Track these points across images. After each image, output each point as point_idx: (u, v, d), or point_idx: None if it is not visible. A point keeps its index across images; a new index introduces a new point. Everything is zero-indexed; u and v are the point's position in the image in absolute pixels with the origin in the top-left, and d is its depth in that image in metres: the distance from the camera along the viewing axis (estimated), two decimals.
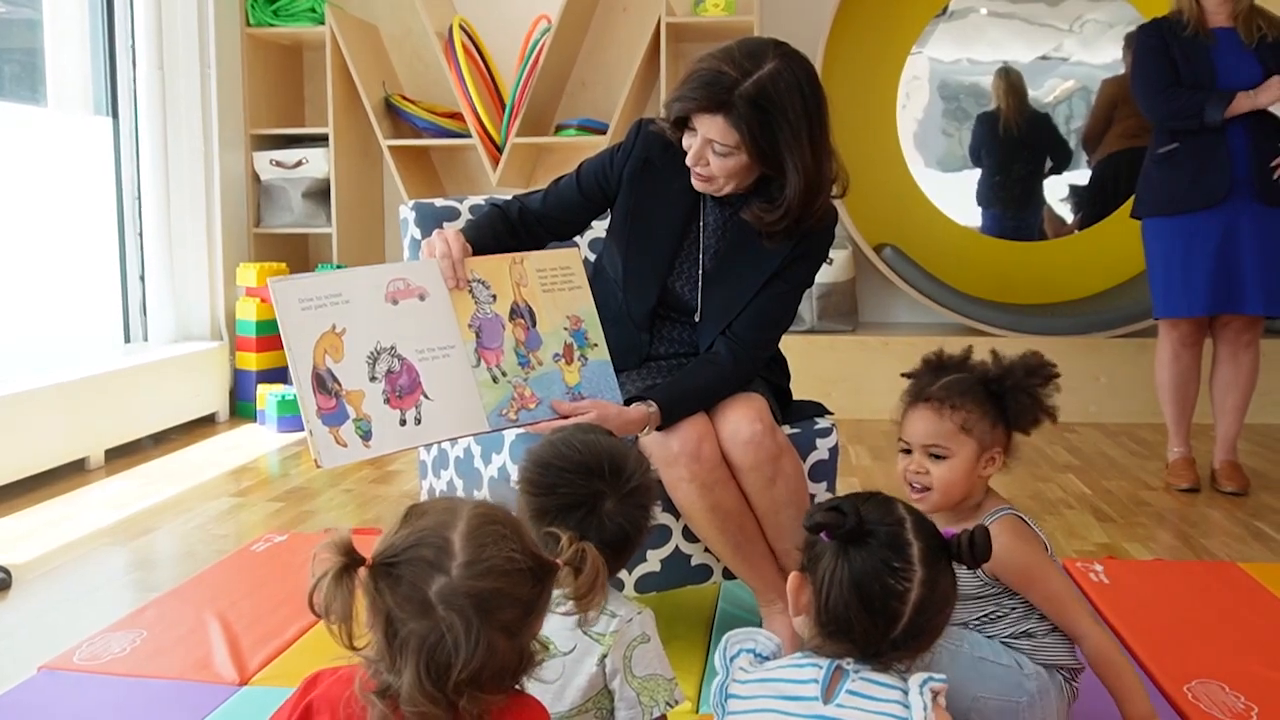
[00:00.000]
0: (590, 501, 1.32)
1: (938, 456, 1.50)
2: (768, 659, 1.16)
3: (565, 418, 1.72)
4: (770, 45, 1.76)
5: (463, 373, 1.69)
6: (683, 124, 1.80)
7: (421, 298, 1.70)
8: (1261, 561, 2.51)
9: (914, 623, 1.09)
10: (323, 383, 1.57)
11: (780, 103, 1.72)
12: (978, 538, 1.14)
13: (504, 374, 1.73)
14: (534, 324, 1.79)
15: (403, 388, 1.63)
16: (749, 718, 1.12)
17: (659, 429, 1.77)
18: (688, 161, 1.81)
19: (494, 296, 1.76)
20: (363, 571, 0.96)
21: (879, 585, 1.09)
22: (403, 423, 1.62)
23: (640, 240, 1.95)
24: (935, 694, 1.07)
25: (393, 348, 1.64)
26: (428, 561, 0.95)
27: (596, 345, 1.84)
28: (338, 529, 0.99)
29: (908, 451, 1.53)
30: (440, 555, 0.95)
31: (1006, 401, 1.51)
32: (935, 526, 1.18)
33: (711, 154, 1.77)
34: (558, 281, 1.84)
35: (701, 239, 1.94)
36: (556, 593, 1.05)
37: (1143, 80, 3.14)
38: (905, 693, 1.08)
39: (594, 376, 1.82)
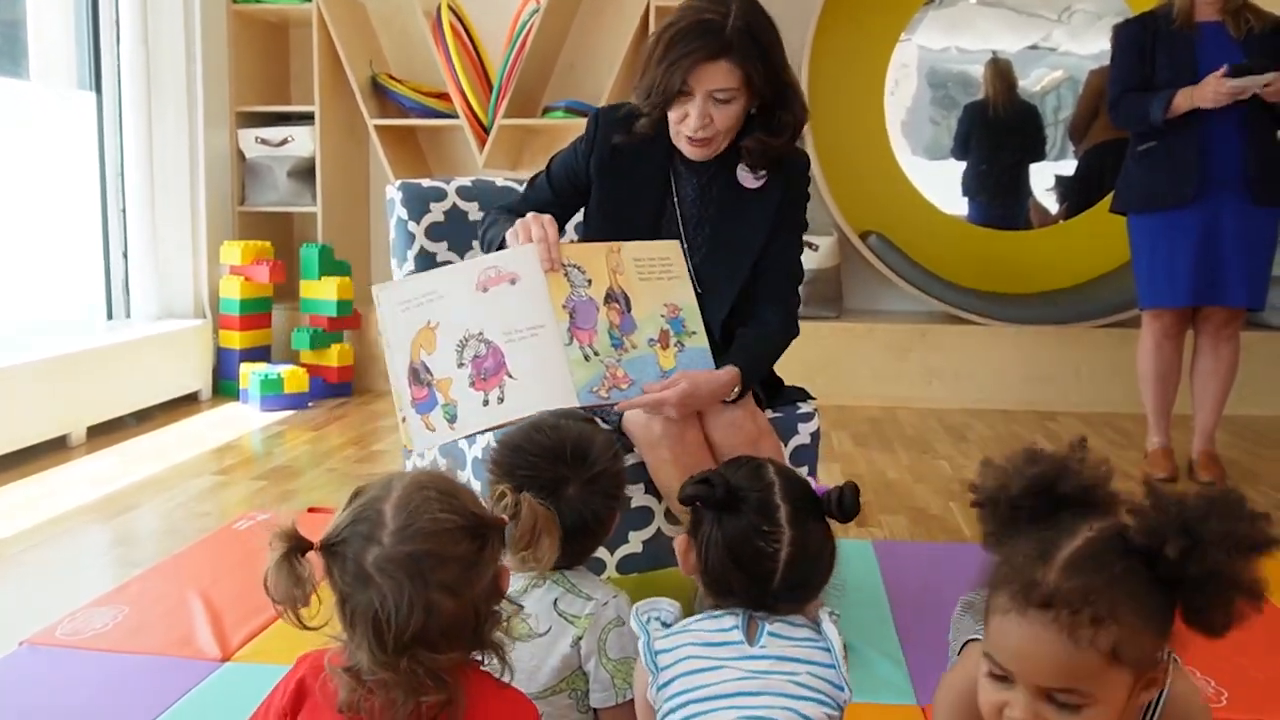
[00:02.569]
0: (550, 485, 1.32)
1: (1068, 705, 0.90)
2: (670, 624, 1.22)
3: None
4: None
5: (553, 350, 1.73)
6: (668, 102, 1.81)
7: (513, 282, 1.75)
8: None
9: (789, 578, 1.16)
10: (417, 375, 1.68)
11: (764, 24, 1.81)
12: (846, 494, 1.20)
13: (596, 353, 1.75)
14: (629, 309, 1.81)
15: (487, 370, 1.70)
16: (683, 665, 1.16)
17: (739, 394, 1.80)
18: (689, 131, 1.82)
19: (589, 281, 1.79)
20: (314, 555, 0.99)
21: (750, 548, 1.16)
22: (485, 403, 1.69)
23: (617, 228, 1.94)
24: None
25: (480, 333, 1.71)
26: (363, 535, 0.98)
27: (695, 333, 1.85)
28: (279, 516, 1.01)
29: (1002, 678, 0.93)
30: (373, 527, 0.98)
31: (1186, 592, 0.91)
32: (807, 485, 1.23)
33: (714, 108, 1.80)
34: (655, 270, 1.85)
35: (680, 213, 1.95)
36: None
37: (1111, 83, 3.17)
38: (817, 626, 1.17)
39: (691, 362, 1.82)
